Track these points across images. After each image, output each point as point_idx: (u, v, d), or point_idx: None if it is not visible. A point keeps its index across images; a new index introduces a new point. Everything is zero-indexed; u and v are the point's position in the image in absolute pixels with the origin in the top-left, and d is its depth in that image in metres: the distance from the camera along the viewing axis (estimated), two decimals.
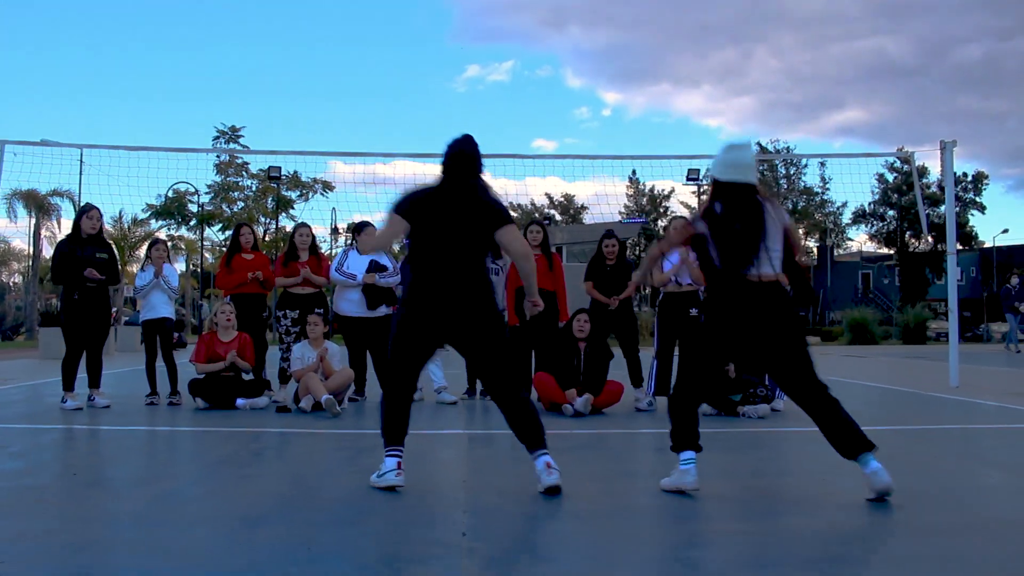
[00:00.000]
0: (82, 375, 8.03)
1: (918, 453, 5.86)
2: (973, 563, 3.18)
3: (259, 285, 8.62)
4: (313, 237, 8.94)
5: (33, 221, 38.52)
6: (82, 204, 8.24)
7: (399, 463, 4.29)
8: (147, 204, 34.94)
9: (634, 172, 59.68)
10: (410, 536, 3.50)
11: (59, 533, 3.49)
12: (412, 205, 4.37)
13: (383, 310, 8.60)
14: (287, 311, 8.43)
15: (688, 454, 4.35)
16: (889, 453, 5.54)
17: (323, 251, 9.07)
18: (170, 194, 34.19)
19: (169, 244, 9.27)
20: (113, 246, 8.60)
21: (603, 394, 7.77)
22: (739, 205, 4.35)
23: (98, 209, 8.26)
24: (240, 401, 7.88)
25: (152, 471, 5.00)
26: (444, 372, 8.77)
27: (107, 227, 38.67)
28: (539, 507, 3.99)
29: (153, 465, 5.26)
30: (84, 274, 7.78)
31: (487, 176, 4.55)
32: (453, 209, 4.35)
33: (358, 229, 8.95)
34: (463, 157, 4.45)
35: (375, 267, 8.46)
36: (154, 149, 12.28)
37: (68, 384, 7.93)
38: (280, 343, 8.48)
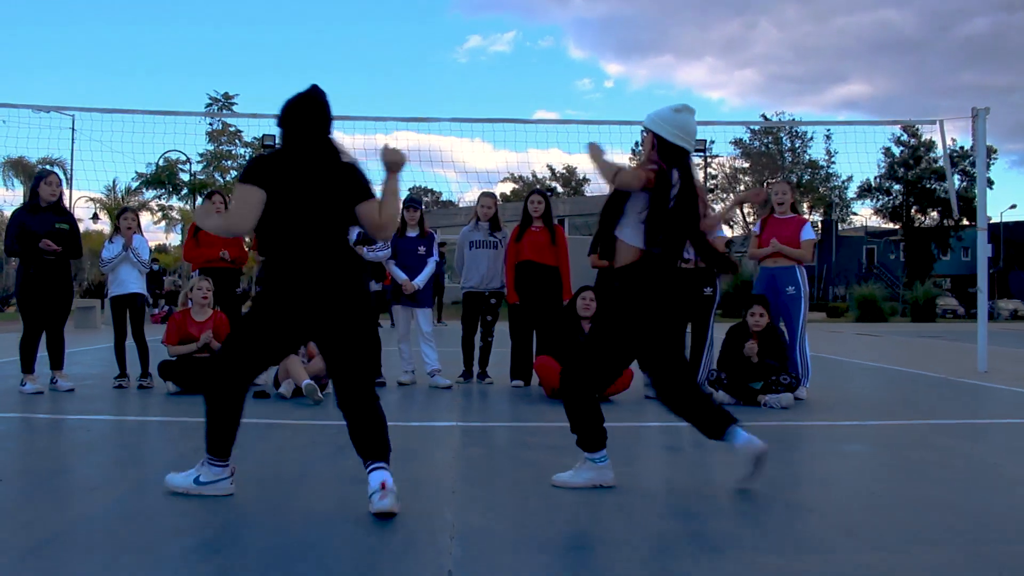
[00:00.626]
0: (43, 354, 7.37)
1: (976, 455, 5.17)
2: None
3: (230, 262, 7.95)
4: None
5: (24, 190, 37.70)
6: (78, 180, 7.55)
7: (231, 473, 3.75)
8: (137, 173, 34.15)
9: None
10: (384, 571, 2.84)
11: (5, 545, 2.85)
12: (265, 171, 3.62)
13: (373, 286, 7.92)
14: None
15: (602, 453, 3.97)
16: (942, 456, 4.86)
17: None
18: (161, 163, 33.36)
19: (158, 213, 8.48)
20: (73, 215, 7.88)
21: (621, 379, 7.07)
22: (688, 181, 3.94)
23: (57, 175, 7.55)
24: None
25: (112, 471, 4.34)
26: (438, 353, 8.10)
27: (100, 196, 38.14)
28: (537, 528, 3.32)
29: (114, 464, 4.57)
30: (39, 246, 7.09)
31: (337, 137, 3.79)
32: (311, 176, 3.63)
33: None
34: (313, 108, 3.71)
35: (363, 239, 7.77)
36: (147, 112, 11.78)
37: (27, 366, 7.26)
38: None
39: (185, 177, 36.65)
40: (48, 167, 35.35)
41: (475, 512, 3.56)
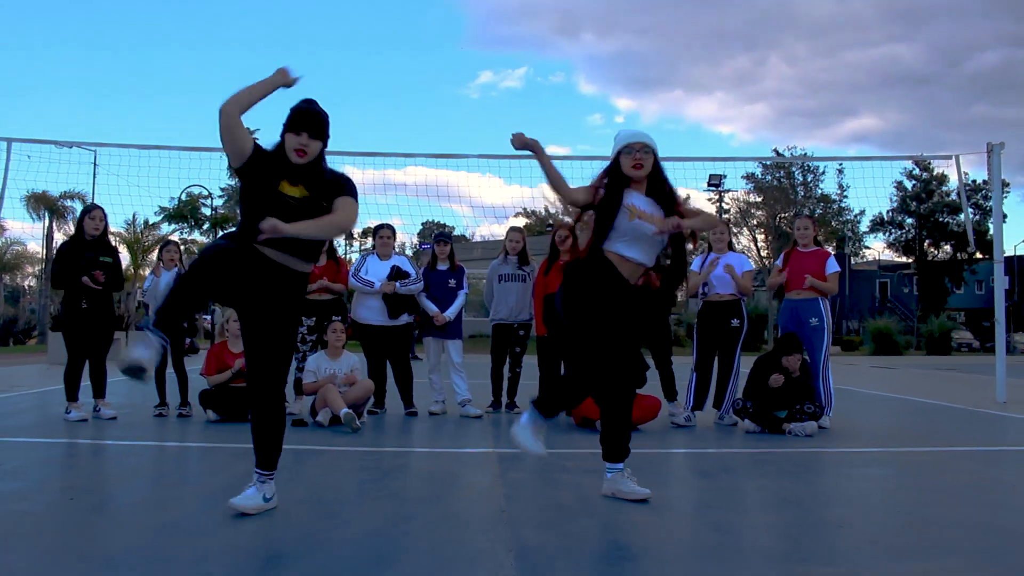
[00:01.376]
0: (87, 383, 7.61)
1: (999, 480, 5.33)
2: None
3: None
4: (331, 241, 8.50)
5: (45, 223, 38.27)
6: (85, 206, 7.80)
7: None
8: (160, 207, 34.69)
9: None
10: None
11: (53, 568, 3.04)
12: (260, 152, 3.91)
13: (404, 318, 8.16)
14: (303, 318, 7.97)
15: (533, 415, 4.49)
16: (967, 481, 5.06)
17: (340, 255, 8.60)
18: (183, 197, 33.86)
19: (182, 247, 8.76)
20: (118, 250, 8.16)
21: (638, 409, 7.22)
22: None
23: (101, 209, 7.78)
24: None
25: (159, 494, 4.53)
26: (468, 384, 8.30)
27: (119, 230, 38.62)
28: (587, 543, 3.52)
29: (160, 487, 4.77)
30: (83, 280, 7.35)
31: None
32: (285, 167, 3.88)
33: (375, 232, 8.53)
34: (309, 115, 3.92)
35: (397, 273, 8.01)
36: (168, 148, 11.93)
37: (71, 394, 7.51)
38: (295, 352, 8.02)
39: (207, 211, 37.21)
40: (76, 202, 35.94)
41: (527, 529, 3.74)
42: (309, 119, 3.90)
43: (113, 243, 8.13)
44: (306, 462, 5.50)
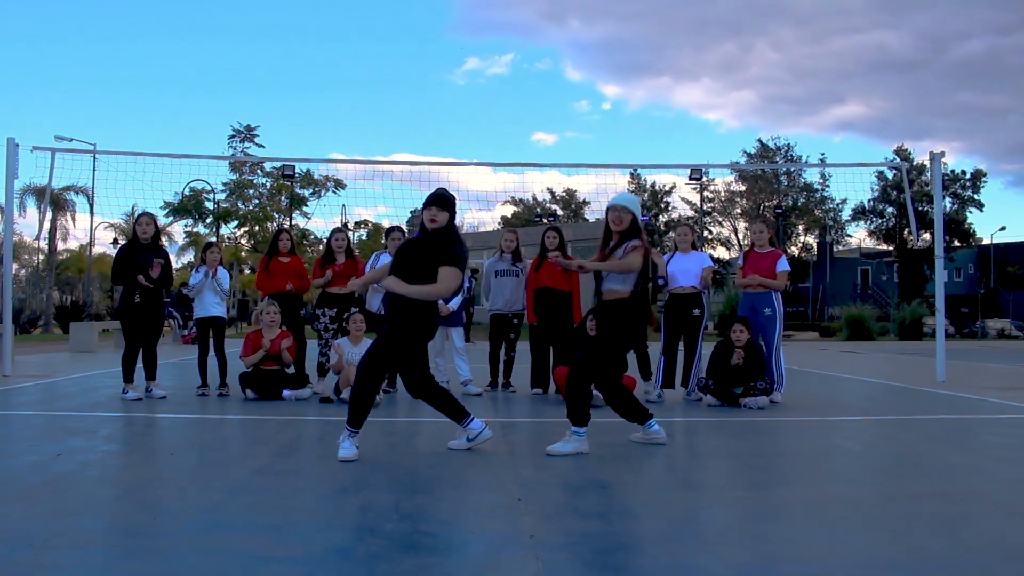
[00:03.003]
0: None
1: (900, 439, 6.63)
2: (929, 521, 3.95)
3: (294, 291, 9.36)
4: (348, 241, 9.68)
5: (48, 216, 39.25)
6: (99, 207, 9.02)
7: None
8: (165, 202, 35.81)
9: (635, 168, 60.79)
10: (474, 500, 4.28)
11: (180, 509, 4.28)
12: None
13: None
14: (325, 309, 9.18)
15: (584, 429, 5.60)
16: (873, 440, 6.37)
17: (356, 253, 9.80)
18: (187, 191, 34.99)
19: (220, 248, 10.01)
20: (167, 251, 9.36)
21: None
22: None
23: (149, 215, 8.97)
24: (286, 392, 8.65)
25: (213, 464, 5.67)
26: (470, 366, 9.53)
27: (119, 221, 39.59)
28: (576, 478, 4.77)
29: (213, 458, 5.90)
30: (137, 279, 8.54)
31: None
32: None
33: (387, 233, 9.74)
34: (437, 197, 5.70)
35: None
36: (162, 155, 12.68)
37: (128, 376, 8.71)
38: (319, 339, 9.24)
39: (210, 206, 38.35)
40: (78, 195, 36.85)
41: (528, 469, 4.99)
42: (436, 197, 5.62)
43: (164, 245, 9.33)
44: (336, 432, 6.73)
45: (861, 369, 15.03)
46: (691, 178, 21.11)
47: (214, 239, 11.91)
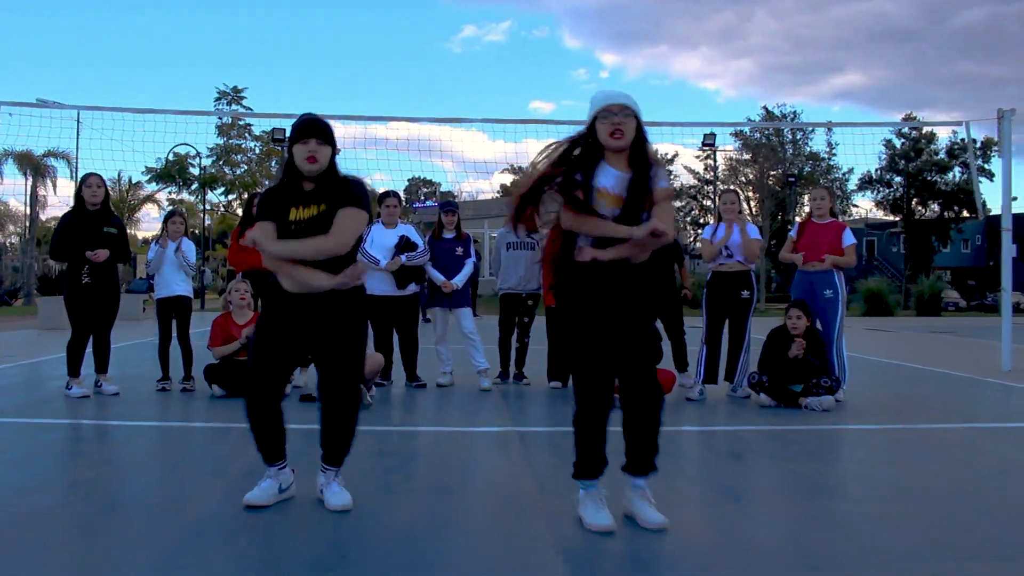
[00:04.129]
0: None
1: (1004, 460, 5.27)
2: None
3: None
4: None
5: (29, 182, 37.70)
6: (83, 172, 7.52)
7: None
8: (146, 167, 34.19)
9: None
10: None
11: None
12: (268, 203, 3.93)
13: (412, 288, 8.00)
14: None
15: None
16: (993, 463, 4.98)
17: None
18: (170, 157, 33.34)
19: (185, 216, 8.50)
20: (122, 219, 7.94)
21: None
22: None
23: (98, 176, 7.45)
24: None
25: (172, 488, 4.36)
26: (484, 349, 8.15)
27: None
28: (620, 541, 3.41)
29: (172, 479, 4.56)
30: (87, 256, 7.14)
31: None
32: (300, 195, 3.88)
33: (380, 200, 8.32)
34: (312, 124, 3.83)
35: (404, 244, 7.84)
36: (153, 111, 11.66)
37: (73, 370, 7.32)
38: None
39: (195, 171, 36.70)
40: (59, 160, 35.39)
41: (567, 526, 3.62)
42: (313, 127, 3.80)
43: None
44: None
45: (905, 353, 13.64)
46: (704, 144, 19.69)
47: (178, 210, 10.53)
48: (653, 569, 3.16)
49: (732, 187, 35.02)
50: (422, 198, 63.07)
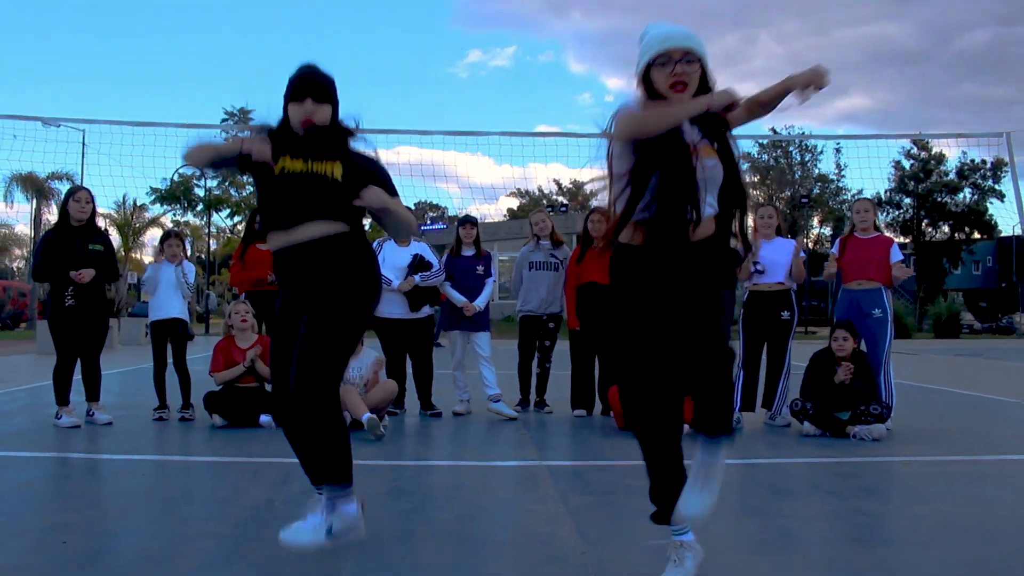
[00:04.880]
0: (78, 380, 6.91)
1: None
2: None
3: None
4: None
5: (33, 206, 37.35)
6: (68, 188, 7.03)
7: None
8: (151, 188, 33.78)
9: None
10: None
11: None
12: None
13: (426, 310, 7.49)
14: None
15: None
16: None
17: None
18: (175, 178, 32.96)
19: (183, 238, 7.98)
20: (108, 234, 7.45)
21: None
22: None
23: (87, 191, 6.99)
24: (264, 418, 6.74)
25: (164, 534, 3.83)
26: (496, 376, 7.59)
27: (110, 211, 37.69)
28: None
29: (165, 529, 3.99)
30: (71, 276, 6.63)
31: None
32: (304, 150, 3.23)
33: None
34: (309, 80, 3.26)
35: (418, 263, 7.32)
36: (160, 125, 11.34)
37: (62, 398, 6.79)
38: None
39: (200, 192, 36.30)
40: (63, 182, 35.03)
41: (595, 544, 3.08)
42: (310, 84, 3.24)
43: (103, 226, 7.40)
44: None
45: (942, 378, 13.05)
46: None
47: (175, 230, 10.14)
48: None
49: (771, 203, 34.44)
50: (428, 221, 62.75)
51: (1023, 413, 8.46)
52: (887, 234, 7.38)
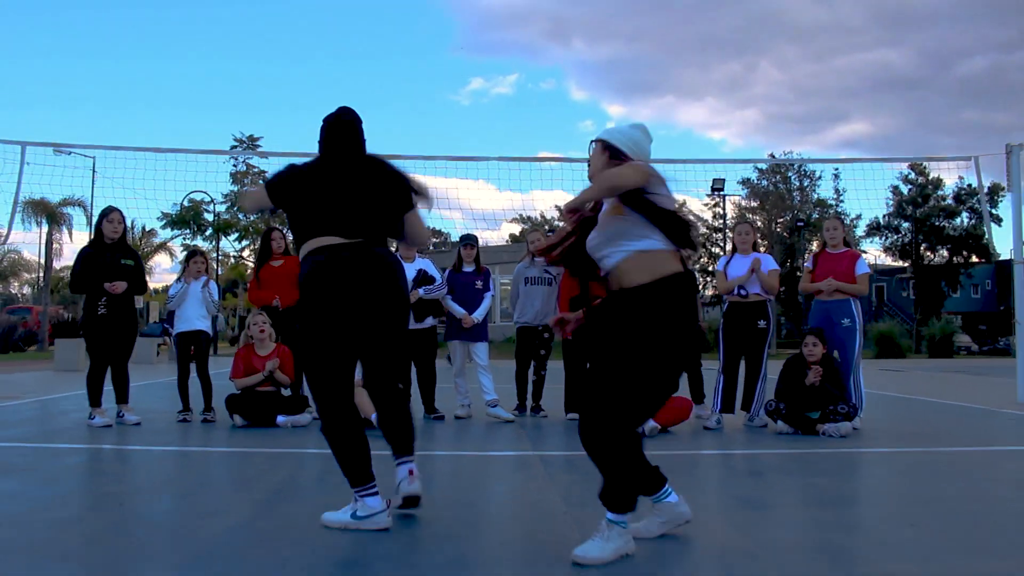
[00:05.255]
0: (108, 389, 7.51)
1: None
2: None
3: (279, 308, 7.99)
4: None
5: (44, 231, 38.07)
6: (102, 209, 7.69)
7: (387, 506, 3.75)
8: (162, 212, 34.53)
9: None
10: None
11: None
12: (290, 185, 3.83)
13: (429, 321, 8.09)
14: None
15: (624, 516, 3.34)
16: (988, 479, 5.04)
17: None
18: (186, 203, 33.73)
19: (207, 256, 8.61)
20: (138, 252, 8.09)
21: (668, 411, 7.12)
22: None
23: (119, 212, 7.67)
24: (281, 419, 7.34)
25: (206, 499, 4.42)
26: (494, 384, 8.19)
27: None
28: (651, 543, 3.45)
29: (200, 500, 4.61)
30: (105, 287, 7.26)
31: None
32: (346, 183, 3.79)
33: None
34: (344, 126, 3.91)
35: (422, 278, 7.94)
36: (168, 151, 11.77)
37: (95, 399, 7.41)
38: None
39: (209, 217, 37.07)
40: (75, 209, 35.75)
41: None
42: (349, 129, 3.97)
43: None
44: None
45: (920, 389, 13.64)
46: (713, 190, 19.56)
47: (200, 249, 10.70)
48: (684, 563, 3.20)
49: (747, 220, 35.11)
50: (430, 247, 63.29)
51: (978, 416, 9.02)
52: (871, 251, 7.94)
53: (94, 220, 7.76)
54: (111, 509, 4.12)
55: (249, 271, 40.06)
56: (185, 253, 8.76)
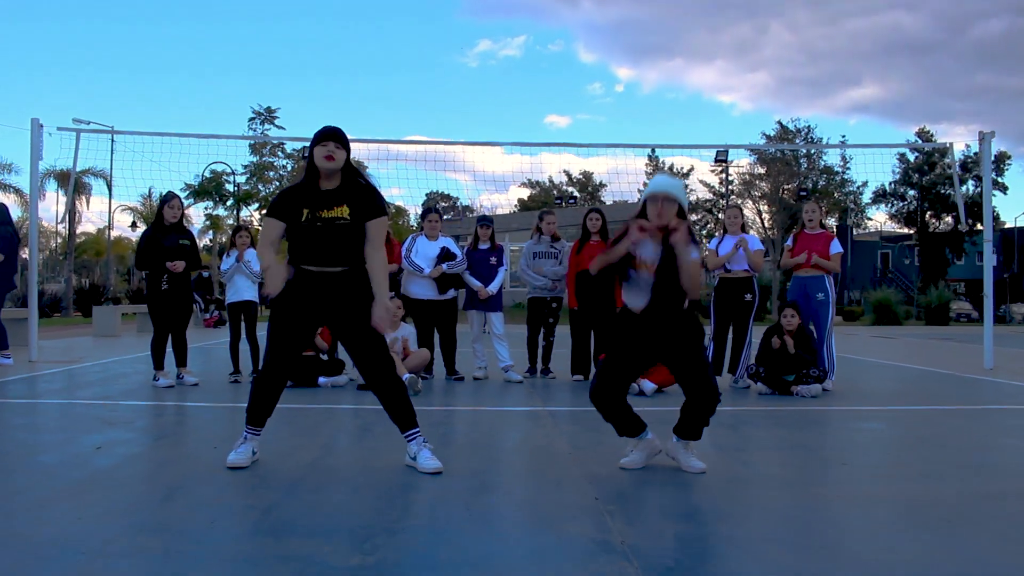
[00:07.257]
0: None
1: (971, 431, 6.30)
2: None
3: None
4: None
5: (68, 200, 39.12)
6: (117, 189, 8.73)
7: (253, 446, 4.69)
8: (185, 184, 35.63)
9: (653, 149, 60.12)
10: (549, 500, 3.99)
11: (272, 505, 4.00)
12: (284, 203, 4.51)
13: (451, 292, 9.10)
14: None
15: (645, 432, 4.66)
16: (942, 432, 6.08)
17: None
18: (207, 174, 34.79)
19: (251, 231, 9.66)
20: (193, 233, 9.11)
21: (663, 373, 8.13)
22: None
23: (179, 198, 8.71)
24: (322, 379, 8.39)
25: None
26: (510, 351, 9.24)
27: (136, 204, 39.42)
28: (648, 475, 4.47)
29: (298, 435, 5.71)
30: (167, 265, 8.27)
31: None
32: (321, 199, 4.45)
33: (423, 216, 9.46)
34: (331, 130, 4.52)
35: (445, 254, 8.93)
36: (182, 135, 12.63)
37: (158, 363, 8.45)
38: None
39: (230, 188, 38.16)
40: (97, 179, 36.76)
41: (594, 464, 4.70)
42: (332, 133, 4.55)
43: (188, 226, 9.05)
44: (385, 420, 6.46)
45: (900, 355, 14.67)
46: (716, 160, 20.54)
47: (240, 224, 11.59)
48: (688, 486, 4.23)
49: (736, 203, 35.93)
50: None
51: (942, 380, 10.02)
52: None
53: (112, 193, 8.79)
54: (208, 453, 5.16)
55: None
56: (233, 229, 9.80)
